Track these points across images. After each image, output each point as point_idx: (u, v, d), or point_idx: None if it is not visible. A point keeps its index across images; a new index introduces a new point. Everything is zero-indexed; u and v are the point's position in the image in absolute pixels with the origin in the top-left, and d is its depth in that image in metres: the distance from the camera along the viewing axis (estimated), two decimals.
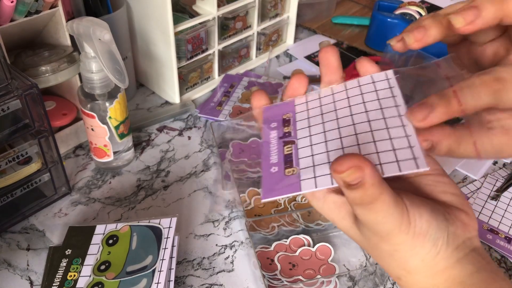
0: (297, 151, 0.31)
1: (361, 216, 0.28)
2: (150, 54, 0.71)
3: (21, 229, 0.54)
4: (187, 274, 0.50)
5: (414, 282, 0.30)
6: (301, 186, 0.29)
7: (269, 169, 0.31)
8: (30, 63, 0.55)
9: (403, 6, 0.84)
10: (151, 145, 0.66)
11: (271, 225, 0.52)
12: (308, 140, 0.32)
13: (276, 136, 0.33)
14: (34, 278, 0.49)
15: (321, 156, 0.30)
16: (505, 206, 0.58)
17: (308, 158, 0.30)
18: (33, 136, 0.50)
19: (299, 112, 0.34)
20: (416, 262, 0.29)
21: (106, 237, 0.50)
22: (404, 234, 0.28)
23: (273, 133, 0.33)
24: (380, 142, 0.30)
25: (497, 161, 0.64)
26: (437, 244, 0.29)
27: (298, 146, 0.32)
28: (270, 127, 0.33)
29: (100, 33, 0.49)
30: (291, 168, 0.30)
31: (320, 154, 0.31)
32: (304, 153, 0.31)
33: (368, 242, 0.31)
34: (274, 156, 0.31)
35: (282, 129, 0.33)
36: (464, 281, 0.29)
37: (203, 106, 0.72)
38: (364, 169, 0.26)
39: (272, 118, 0.34)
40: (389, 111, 0.31)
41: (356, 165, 0.26)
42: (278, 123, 0.33)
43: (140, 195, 0.58)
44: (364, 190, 0.26)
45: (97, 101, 0.54)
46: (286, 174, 0.30)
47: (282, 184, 0.29)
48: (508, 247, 0.53)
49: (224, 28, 0.74)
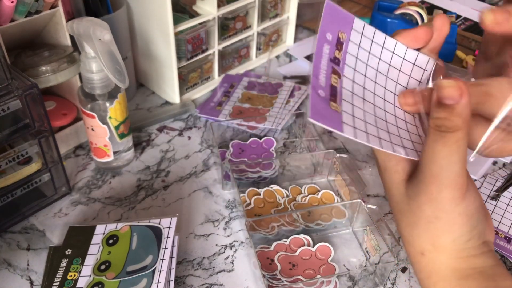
0: (342, 89, 0.32)
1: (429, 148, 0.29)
2: (150, 54, 0.71)
3: (21, 229, 0.54)
4: (187, 274, 0.50)
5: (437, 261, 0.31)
6: (343, 128, 0.30)
7: (318, 90, 0.30)
8: (30, 63, 0.55)
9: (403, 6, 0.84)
10: (151, 145, 0.66)
11: (271, 225, 0.53)
12: (350, 85, 0.32)
13: (328, 55, 0.32)
14: (34, 278, 0.49)
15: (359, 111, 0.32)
16: (505, 206, 0.58)
17: (349, 104, 0.31)
18: (33, 136, 0.50)
19: (353, 42, 0.33)
20: (448, 241, 0.30)
21: (106, 237, 0.50)
22: (454, 205, 0.29)
23: (326, 48, 0.32)
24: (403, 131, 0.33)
25: (496, 161, 0.64)
26: (473, 232, 0.30)
27: (343, 84, 0.32)
28: (326, 38, 0.32)
29: (100, 33, 0.49)
30: (335, 103, 0.31)
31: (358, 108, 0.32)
32: (347, 96, 0.32)
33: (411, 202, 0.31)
34: (323, 79, 0.31)
35: (334, 50, 0.32)
36: (485, 271, 0.30)
37: (203, 106, 0.72)
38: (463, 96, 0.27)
39: (331, 26, 0.33)
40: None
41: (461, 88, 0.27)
42: (333, 39, 0.32)
43: (140, 195, 0.58)
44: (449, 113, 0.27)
45: (97, 101, 0.55)
46: (331, 106, 0.30)
47: (328, 115, 0.30)
48: (508, 247, 0.53)
49: (224, 28, 0.74)
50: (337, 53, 0.32)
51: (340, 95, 0.31)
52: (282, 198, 0.57)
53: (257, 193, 0.57)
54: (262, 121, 0.68)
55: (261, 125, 0.67)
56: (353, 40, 0.33)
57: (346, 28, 0.33)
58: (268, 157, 0.63)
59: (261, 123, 0.67)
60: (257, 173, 0.60)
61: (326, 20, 0.32)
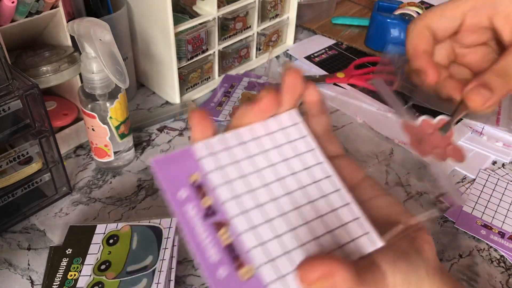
0: (239, 238, 0.24)
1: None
2: (151, 55, 0.71)
3: (22, 229, 0.54)
4: (188, 274, 0.50)
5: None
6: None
7: (215, 275, 0.23)
8: (31, 63, 0.55)
9: (402, 7, 0.85)
10: (151, 145, 0.66)
11: None
12: (244, 220, 0.25)
13: (197, 215, 0.25)
14: (35, 277, 0.49)
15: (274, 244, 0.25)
16: (498, 201, 0.58)
17: (258, 248, 0.24)
18: (34, 136, 0.51)
19: (210, 172, 0.26)
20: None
21: (107, 237, 0.50)
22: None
23: (190, 209, 0.25)
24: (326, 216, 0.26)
25: (496, 161, 0.64)
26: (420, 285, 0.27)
27: (237, 230, 0.24)
28: (180, 200, 0.25)
29: (100, 33, 0.49)
30: (244, 267, 0.24)
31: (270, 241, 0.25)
32: (250, 240, 0.24)
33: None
34: (211, 251, 0.24)
35: (199, 202, 0.25)
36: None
37: (203, 107, 0.72)
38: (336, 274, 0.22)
39: (175, 182, 0.25)
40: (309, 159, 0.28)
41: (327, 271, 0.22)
42: (189, 192, 0.25)
43: (141, 195, 0.58)
44: None
45: (97, 101, 0.55)
46: (241, 277, 0.23)
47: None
48: (501, 242, 0.53)
49: (224, 29, 0.74)
50: (204, 202, 0.25)
51: (243, 248, 0.24)
52: None
53: None
54: None
55: None
56: (209, 169, 0.26)
57: (192, 165, 0.26)
58: None
59: None
60: None
61: (167, 181, 0.25)
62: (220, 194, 0.25)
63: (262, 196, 0.26)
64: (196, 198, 0.25)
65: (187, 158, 0.26)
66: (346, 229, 0.26)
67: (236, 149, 0.27)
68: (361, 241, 0.26)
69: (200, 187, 0.25)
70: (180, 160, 0.26)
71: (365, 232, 0.26)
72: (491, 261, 0.52)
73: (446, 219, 0.56)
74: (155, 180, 0.60)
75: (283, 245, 0.25)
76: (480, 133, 0.67)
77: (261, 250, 0.24)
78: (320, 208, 0.27)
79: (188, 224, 0.24)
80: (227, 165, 0.26)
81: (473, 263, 0.52)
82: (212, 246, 0.24)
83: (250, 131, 0.28)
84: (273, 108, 0.28)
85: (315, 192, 0.27)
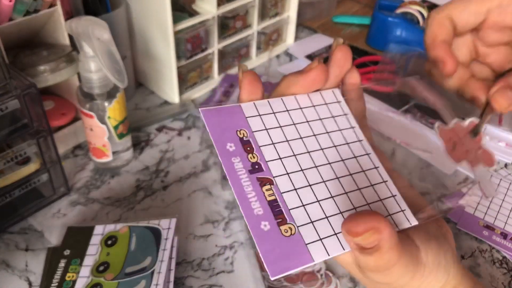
0: (282, 196, 0.25)
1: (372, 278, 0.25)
2: (150, 54, 0.70)
3: (19, 230, 0.53)
4: (187, 275, 0.49)
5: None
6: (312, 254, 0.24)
7: (259, 226, 0.24)
8: (29, 62, 0.54)
9: (404, 5, 0.84)
10: (150, 145, 0.65)
11: None
12: (287, 181, 0.26)
13: (243, 168, 0.26)
14: (33, 278, 0.48)
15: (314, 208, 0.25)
16: (500, 202, 0.58)
17: (300, 209, 0.25)
18: (32, 136, 0.50)
19: (257, 131, 0.27)
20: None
21: (105, 238, 0.50)
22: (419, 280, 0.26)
23: (237, 162, 0.26)
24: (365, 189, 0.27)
25: (498, 161, 0.64)
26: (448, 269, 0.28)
27: (280, 189, 0.25)
28: (228, 152, 0.26)
29: (99, 32, 0.49)
30: (286, 224, 0.24)
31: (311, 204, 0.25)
32: (292, 200, 0.25)
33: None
34: (256, 203, 0.25)
35: (246, 156, 0.26)
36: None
37: (202, 106, 0.72)
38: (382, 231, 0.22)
39: (224, 132, 0.27)
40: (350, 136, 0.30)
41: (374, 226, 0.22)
42: (237, 145, 0.26)
43: (139, 195, 0.58)
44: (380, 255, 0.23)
45: (96, 100, 0.54)
46: (283, 233, 0.24)
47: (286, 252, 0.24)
48: (504, 243, 0.53)
49: (223, 27, 0.73)
50: (251, 158, 0.26)
51: (286, 206, 0.25)
52: None
53: None
54: None
55: None
56: (256, 129, 0.27)
57: (241, 121, 0.27)
58: None
59: None
60: None
61: (215, 131, 0.26)
62: (265, 153, 0.27)
63: (304, 162, 0.27)
64: (243, 152, 0.26)
65: (236, 113, 0.27)
66: (384, 204, 0.27)
67: (281, 115, 0.28)
68: (398, 217, 0.27)
69: (247, 143, 0.27)
70: (229, 114, 0.27)
71: (402, 209, 0.27)
72: (493, 262, 0.52)
73: (448, 220, 0.56)
74: (153, 181, 0.60)
75: (322, 210, 0.26)
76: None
77: (302, 212, 0.25)
78: (360, 181, 0.28)
79: (235, 176, 0.25)
80: (273, 128, 0.28)
81: (475, 264, 0.51)
82: (256, 199, 0.25)
83: (295, 101, 0.29)
84: (321, 80, 0.29)
85: (355, 166, 0.28)
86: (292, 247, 0.24)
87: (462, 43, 0.38)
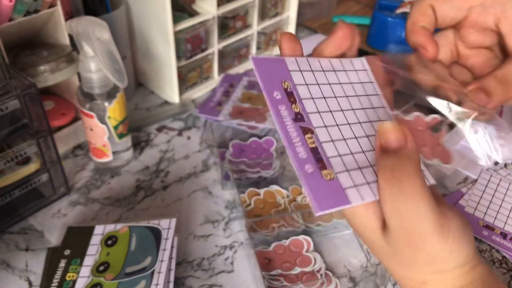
0: (321, 145, 0.28)
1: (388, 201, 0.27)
2: (150, 54, 0.70)
3: (19, 230, 0.53)
4: (187, 275, 0.49)
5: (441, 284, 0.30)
6: (349, 197, 0.27)
7: (304, 168, 0.27)
8: (29, 62, 0.54)
9: (404, 5, 0.84)
10: (150, 145, 0.65)
11: (271, 225, 0.52)
12: (325, 132, 0.29)
13: (288, 116, 0.28)
14: (33, 278, 0.48)
15: (349, 159, 0.28)
16: (500, 201, 0.58)
17: (337, 158, 0.28)
18: (32, 136, 0.50)
19: (299, 85, 0.30)
20: (452, 265, 0.29)
21: (105, 238, 0.50)
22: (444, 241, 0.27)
23: (283, 109, 0.28)
24: None
25: (497, 162, 0.64)
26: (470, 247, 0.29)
27: (320, 139, 0.28)
28: (276, 99, 0.28)
29: (99, 32, 0.49)
30: (326, 170, 0.27)
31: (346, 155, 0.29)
32: (330, 150, 0.28)
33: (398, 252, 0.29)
34: (300, 148, 0.27)
35: (290, 106, 0.29)
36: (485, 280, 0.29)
37: (202, 106, 0.72)
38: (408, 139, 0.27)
39: (270, 81, 0.29)
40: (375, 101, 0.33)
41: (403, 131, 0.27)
42: (282, 94, 0.29)
43: (139, 195, 0.58)
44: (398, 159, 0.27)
45: (96, 100, 0.54)
46: (324, 177, 0.27)
47: (328, 193, 0.26)
48: (504, 242, 0.53)
49: (223, 27, 0.73)
50: (294, 108, 0.29)
51: (325, 154, 0.28)
52: (283, 199, 0.57)
53: (257, 194, 0.57)
54: (262, 121, 0.67)
55: (261, 125, 0.67)
56: (298, 83, 0.30)
57: (285, 73, 0.30)
58: (268, 157, 0.63)
59: (261, 123, 0.67)
60: (257, 173, 0.59)
61: (264, 79, 0.29)
62: (306, 106, 0.29)
63: (338, 118, 0.30)
64: (288, 102, 0.29)
65: (281, 66, 0.30)
66: None
67: (318, 74, 0.31)
68: None
69: (290, 94, 0.29)
70: (275, 66, 0.29)
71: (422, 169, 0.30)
72: (493, 262, 0.52)
73: None
74: (153, 181, 0.60)
75: (356, 161, 0.29)
76: None
77: (339, 161, 0.28)
78: None
79: (281, 122, 0.28)
80: (312, 84, 0.30)
81: None
82: (301, 145, 0.27)
83: (329, 63, 0.32)
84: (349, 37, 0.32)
85: None
86: (332, 190, 0.27)
87: (443, 42, 0.38)
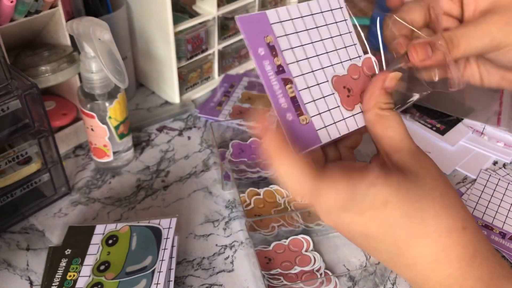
0: (299, 94, 0.32)
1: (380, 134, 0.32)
2: (150, 54, 0.71)
3: (20, 229, 0.53)
4: (187, 274, 0.49)
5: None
6: (320, 137, 0.31)
7: (285, 117, 0.31)
8: (30, 63, 0.54)
9: None
10: (150, 145, 0.66)
11: (271, 225, 0.52)
12: (303, 81, 0.32)
13: (271, 70, 0.31)
14: (34, 278, 0.49)
15: (321, 101, 0.33)
16: (499, 201, 0.58)
17: (312, 104, 0.32)
18: (33, 136, 0.50)
19: (280, 37, 0.32)
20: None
21: (106, 237, 0.50)
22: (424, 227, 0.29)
23: (266, 64, 0.31)
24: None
25: (497, 161, 0.64)
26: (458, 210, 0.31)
27: (298, 87, 0.32)
28: (260, 55, 0.31)
29: (100, 33, 0.49)
30: (303, 115, 0.31)
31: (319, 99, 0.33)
32: (306, 97, 0.32)
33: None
34: (282, 99, 0.31)
35: (273, 60, 0.31)
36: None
37: (203, 106, 0.72)
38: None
39: (255, 38, 0.31)
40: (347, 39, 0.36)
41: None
42: (266, 50, 0.31)
43: (140, 195, 0.58)
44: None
45: (97, 101, 0.54)
46: (301, 122, 0.31)
47: (304, 136, 0.31)
48: (503, 242, 0.53)
49: (224, 28, 0.74)
50: (276, 61, 0.31)
51: (302, 101, 0.32)
52: (282, 198, 0.57)
53: (257, 193, 0.57)
54: None
55: None
56: (279, 35, 0.32)
57: (267, 28, 0.31)
58: None
59: None
60: (257, 173, 0.60)
61: (250, 37, 0.31)
62: (286, 57, 0.32)
63: (314, 64, 0.33)
64: (270, 56, 0.31)
65: (263, 21, 0.32)
66: None
67: (297, 21, 0.33)
68: None
69: (273, 48, 0.31)
70: (258, 22, 0.31)
71: None
72: None
73: None
74: (154, 180, 0.60)
75: (327, 104, 0.33)
76: (481, 133, 0.67)
77: (313, 105, 0.32)
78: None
79: (266, 77, 0.31)
80: (291, 34, 0.33)
81: None
82: (282, 96, 0.31)
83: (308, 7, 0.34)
84: None
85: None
86: (307, 133, 0.31)
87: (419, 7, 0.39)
